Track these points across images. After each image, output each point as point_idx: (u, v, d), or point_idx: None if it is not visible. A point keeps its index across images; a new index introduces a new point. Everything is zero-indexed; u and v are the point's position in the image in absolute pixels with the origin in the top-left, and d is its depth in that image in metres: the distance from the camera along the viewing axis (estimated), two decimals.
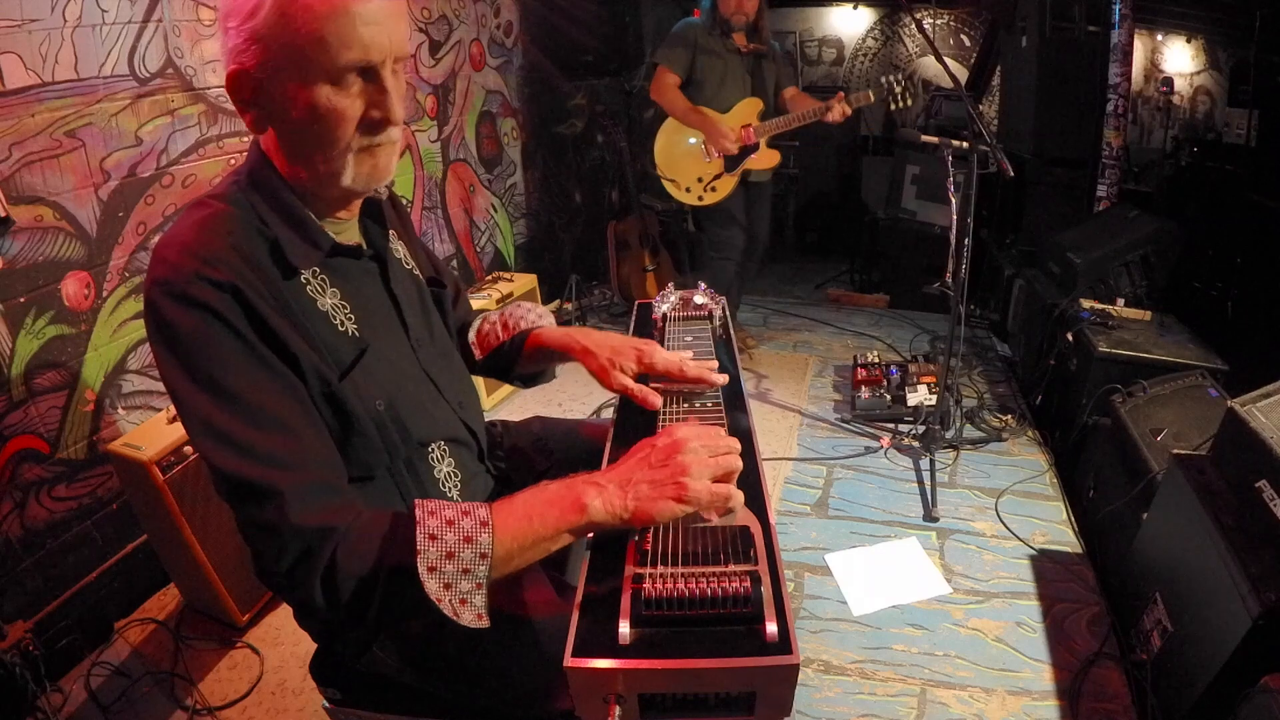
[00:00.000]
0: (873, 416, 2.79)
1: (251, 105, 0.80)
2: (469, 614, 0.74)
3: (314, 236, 0.85)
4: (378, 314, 0.93)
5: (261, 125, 0.82)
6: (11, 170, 1.56)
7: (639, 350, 1.06)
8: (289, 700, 1.66)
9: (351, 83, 0.77)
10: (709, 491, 0.75)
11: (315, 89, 0.76)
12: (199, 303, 0.74)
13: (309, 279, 0.85)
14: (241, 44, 0.76)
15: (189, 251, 0.75)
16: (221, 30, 0.78)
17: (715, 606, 0.65)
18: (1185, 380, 2.04)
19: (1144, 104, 4.65)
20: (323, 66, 0.75)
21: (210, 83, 1.99)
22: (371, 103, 0.79)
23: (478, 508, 0.76)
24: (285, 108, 0.78)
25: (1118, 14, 3.27)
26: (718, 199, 2.99)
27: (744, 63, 2.93)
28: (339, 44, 0.74)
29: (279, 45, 0.75)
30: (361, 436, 0.86)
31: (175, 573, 1.90)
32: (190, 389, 0.74)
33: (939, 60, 2.10)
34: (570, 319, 3.59)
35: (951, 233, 2.22)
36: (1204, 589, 1.41)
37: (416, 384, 0.96)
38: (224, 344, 0.75)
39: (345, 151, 0.81)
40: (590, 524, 0.75)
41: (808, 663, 1.73)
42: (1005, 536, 2.15)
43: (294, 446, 0.76)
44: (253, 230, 0.81)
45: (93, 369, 1.79)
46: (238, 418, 0.74)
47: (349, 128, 0.79)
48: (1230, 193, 3.43)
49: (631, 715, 0.66)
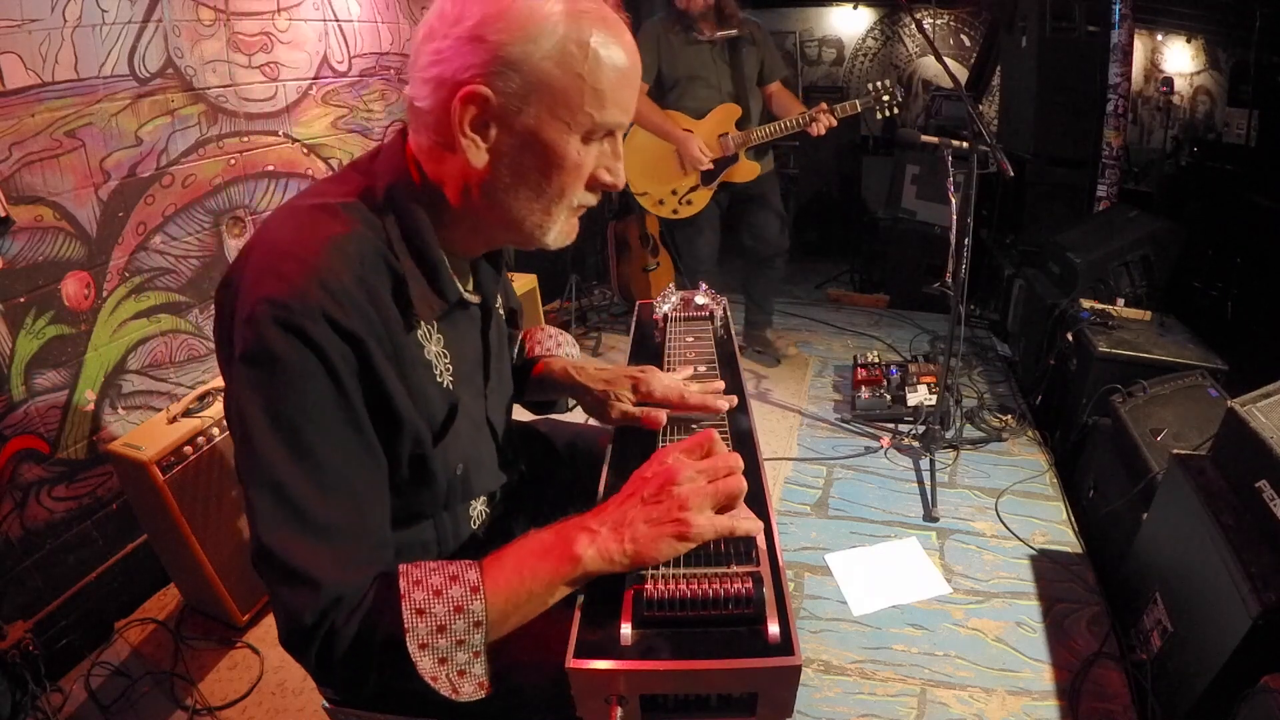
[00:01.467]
0: (873, 416, 2.79)
1: (472, 131, 0.71)
2: (469, 685, 0.69)
3: (442, 287, 0.79)
4: (469, 364, 0.89)
5: (470, 155, 0.72)
6: (11, 170, 1.56)
7: (634, 379, 1.01)
8: (289, 700, 1.66)
9: (597, 140, 0.75)
10: (712, 525, 0.70)
11: (568, 137, 0.72)
12: (315, 344, 0.66)
13: (421, 325, 0.79)
14: (493, 65, 0.68)
15: (315, 277, 0.67)
16: (457, 38, 0.68)
17: (717, 607, 0.65)
18: (1185, 380, 2.04)
19: (1144, 104, 4.65)
20: (589, 118, 0.71)
21: (210, 83, 1.99)
22: (604, 165, 0.77)
23: (466, 570, 0.70)
24: (522, 146, 0.72)
25: (1118, 14, 3.27)
26: (693, 212, 2.82)
27: (716, 54, 2.68)
28: (613, 104, 0.72)
29: (547, 83, 0.69)
30: (430, 492, 0.83)
31: (175, 573, 1.89)
32: (266, 430, 0.67)
33: (939, 60, 2.10)
34: (570, 319, 3.59)
35: (951, 233, 2.22)
36: (1204, 589, 1.41)
37: (482, 435, 0.93)
38: (325, 396, 0.68)
39: (563, 208, 0.77)
40: (585, 574, 0.70)
41: (808, 663, 1.73)
42: (1005, 536, 2.15)
43: (354, 529, 0.70)
44: (381, 261, 0.73)
45: (93, 369, 1.79)
46: (308, 480, 0.67)
47: (580, 185, 0.76)
48: (1230, 193, 3.43)
49: (633, 716, 0.66)
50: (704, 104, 2.72)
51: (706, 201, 2.83)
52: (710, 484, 0.73)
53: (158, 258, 1.91)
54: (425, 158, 0.76)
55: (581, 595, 0.70)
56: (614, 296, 4.01)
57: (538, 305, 3.13)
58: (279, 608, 0.69)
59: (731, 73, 2.70)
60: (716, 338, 1.26)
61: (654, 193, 2.84)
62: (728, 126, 2.72)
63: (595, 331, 3.67)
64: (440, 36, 0.70)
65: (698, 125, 2.71)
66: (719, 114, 2.72)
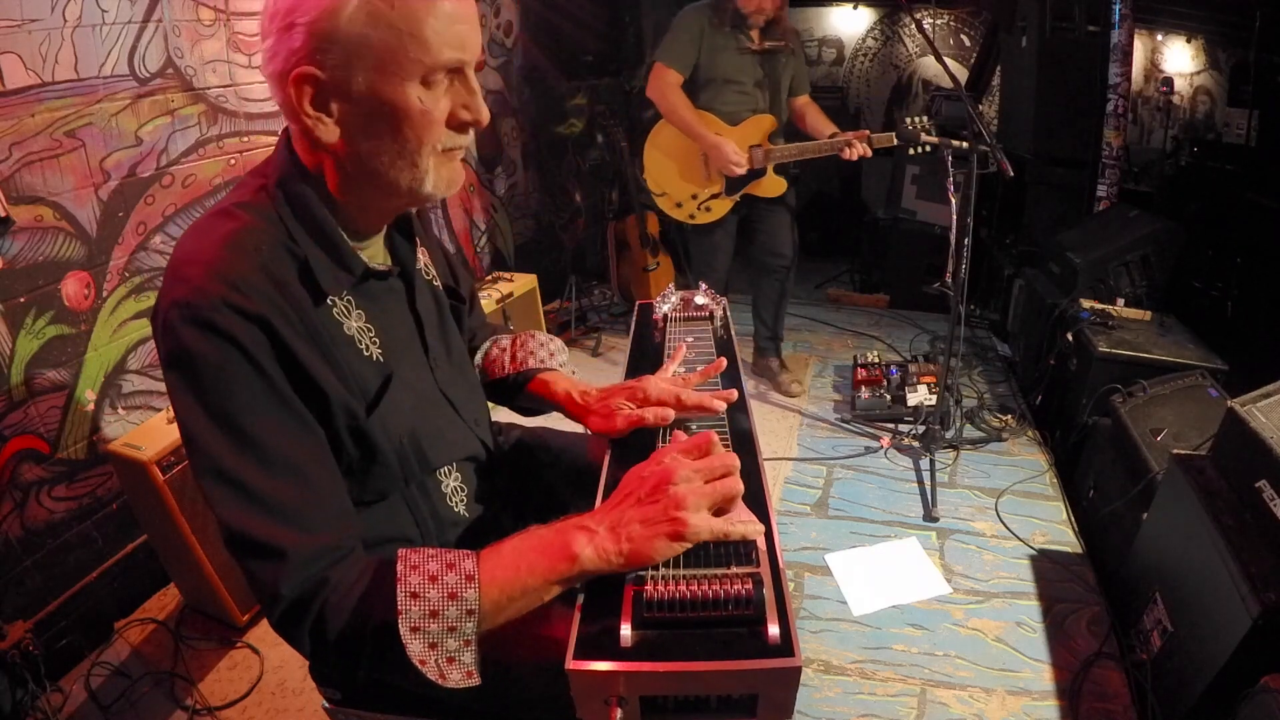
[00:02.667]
0: (873, 416, 2.79)
1: (314, 111, 0.73)
2: (457, 673, 0.70)
3: (346, 260, 0.81)
4: (400, 334, 0.90)
5: (321, 134, 0.75)
6: (11, 170, 1.56)
7: (630, 389, 1.01)
8: (289, 700, 1.66)
9: (440, 82, 0.75)
10: (709, 526, 0.70)
11: (406, 88, 0.72)
12: (224, 333, 0.69)
13: (335, 302, 0.81)
14: (310, 44, 0.70)
15: (216, 273, 0.70)
16: (276, 31, 0.72)
17: (717, 608, 0.65)
18: (1185, 380, 2.04)
19: (1144, 104, 4.65)
20: (419, 65, 0.72)
21: (210, 83, 1.99)
22: (460, 104, 0.77)
23: (464, 559, 0.72)
24: (365, 111, 0.73)
25: (1118, 14, 3.27)
26: (710, 220, 2.71)
27: (756, 62, 2.57)
28: (438, 41, 0.72)
29: (366, 44, 0.70)
30: (382, 466, 0.85)
31: (175, 573, 1.90)
32: (203, 425, 0.70)
33: (939, 60, 2.10)
34: (570, 319, 3.59)
35: (951, 233, 2.22)
36: (1204, 589, 1.41)
37: (435, 407, 0.94)
38: (246, 381, 0.71)
39: (429, 155, 0.77)
40: (582, 573, 0.70)
41: (808, 663, 1.73)
42: (1005, 536, 2.15)
43: (306, 497, 0.73)
44: (282, 249, 0.76)
45: (93, 369, 1.79)
46: (251, 462, 0.71)
47: (437, 130, 0.76)
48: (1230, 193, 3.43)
49: (633, 717, 0.66)
50: (736, 110, 2.61)
51: (726, 211, 2.71)
52: (707, 484, 0.73)
53: (158, 258, 1.91)
54: (300, 149, 0.80)
55: (581, 596, 0.70)
56: (614, 296, 4.01)
57: (538, 305, 3.13)
58: (258, 588, 0.72)
59: (768, 82, 2.61)
60: (716, 338, 1.26)
61: (673, 194, 2.73)
62: (760, 138, 2.62)
63: (595, 331, 3.67)
64: (267, 35, 0.73)
65: (729, 131, 2.59)
66: (752, 124, 2.62)
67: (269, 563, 0.70)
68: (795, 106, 2.75)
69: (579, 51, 3.96)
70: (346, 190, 0.81)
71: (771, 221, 2.81)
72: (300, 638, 0.71)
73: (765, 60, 2.58)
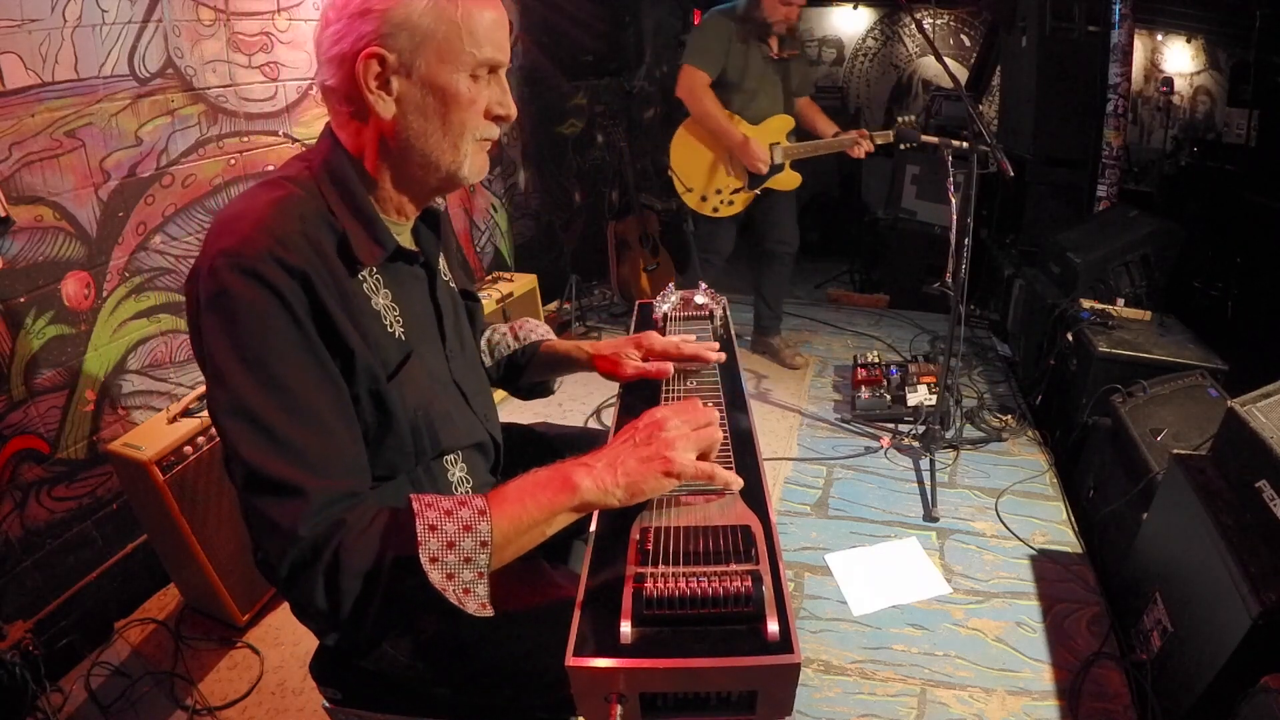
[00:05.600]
0: (873, 416, 2.79)
1: (377, 88, 0.81)
2: (473, 603, 0.74)
3: (380, 236, 0.87)
4: (421, 321, 0.96)
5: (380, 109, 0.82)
6: (11, 170, 1.56)
7: (636, 340, 1.16)
8: (289, 700, 1.65)
9: (482, 78, 0.85)
10: (694, 465, 0.79)
11: (458, 78, 0.82)
12: (268, 282, 0.74)
13: (365, 277, 0.87)
14: (382, 29, 0.79)
15: (264, 228, 0.76)
16: (348, 17, 0.79)
17: (717, 606, 0.65)
18: (1185, 380, 2.04)
19: (1144, 104, 4.65)
20: (471, 58, 0.82)
21: (210, 83, 1.99)
22: (495, 99, 0.87)
23: (473, 498, 0.77)
24: (422, 93, 0.82)
25: (1118, 14, 3.27)
26: (733, 213, 2.91)
27: (774, 70, 2.80)
28: (485, 40, 0.83)
29: (431, 34, 0.80)
30: (396, 438, 0.88)
31: (175, 573, 1.89)
32: (235, 366, 0.74)
33: (939, 60, 2.10)
34: (570, 319, 3.59)
35: (951, 233, 2.22)
36: (1204, 589, 1.41)
37: (448, 393, 0.99)
38: (283, 329, 0.75)
39: (469, 141, 0.86)
40: (583, 503, 0.77)
41: (808, 663, 1.73)
42: (1005, 536, 2.15)
43: (327, 446, 0.77)
44: (322, 220, 0.82)
45: (93, 369, 1.79)
46: (278, 406, 0.74)
47: (478, 118, 0.86)
48: (1230, 193, 3.43)
49: (633, 714, 0.66)
50: (760, 113, 2.82)
51: (746, 204, 2.91)
52: (694, 431, 0.82)
53: (158, 258, 1.91)
54: (344, 133, 0.87)
55: (582, 593, 0.70)
56: (614, 296, 4.01)
57: (538, 305, 3.12)
58: (271, 530, 0.73)
59: (784, 86, 2.84)
60: (716, 337, 1.26)
61: (699, 189, 2.91)
62: (780, 137, 2.84)
63: (595, 331, 3.66)
64: (334, 21, 0.81)
65: (754, 131, 2.80)
66: (774, 123, 2.84)
67: (288, 501, 0.72)
68: (798, 106, 2.94)
69: (579, 51, 3.96)
70: (387, 169, 0.88)
71: (778, 211, 3.04)
72: (313, 580, 0.73)
73: (781, 66, 2.83)
